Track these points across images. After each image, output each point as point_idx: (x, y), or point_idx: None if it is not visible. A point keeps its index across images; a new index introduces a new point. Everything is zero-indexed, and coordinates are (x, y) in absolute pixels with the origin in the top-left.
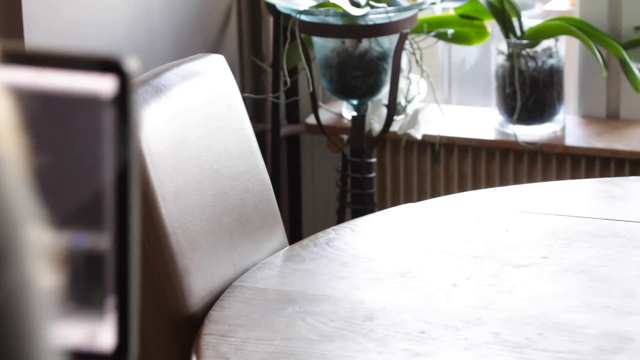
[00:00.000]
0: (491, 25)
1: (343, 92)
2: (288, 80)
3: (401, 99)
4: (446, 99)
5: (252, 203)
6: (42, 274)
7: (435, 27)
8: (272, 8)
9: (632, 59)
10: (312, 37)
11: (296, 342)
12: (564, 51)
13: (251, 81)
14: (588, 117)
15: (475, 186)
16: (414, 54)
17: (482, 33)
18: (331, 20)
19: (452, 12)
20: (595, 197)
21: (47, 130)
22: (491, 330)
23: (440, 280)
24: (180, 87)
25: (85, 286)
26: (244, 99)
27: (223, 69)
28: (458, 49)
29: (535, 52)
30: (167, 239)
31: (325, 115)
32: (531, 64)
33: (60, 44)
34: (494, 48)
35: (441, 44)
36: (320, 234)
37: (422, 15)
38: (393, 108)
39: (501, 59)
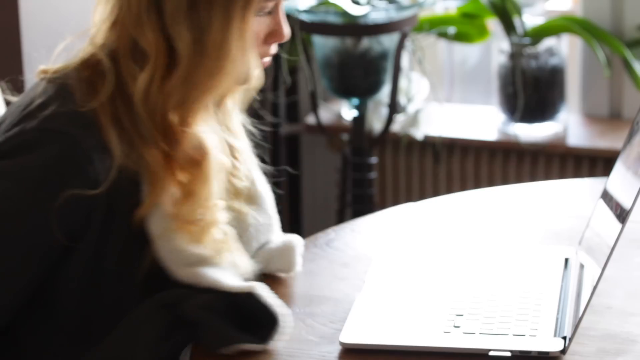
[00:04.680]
0: (493, 23)
1: (343, 91)
2: (288, 79)
3: (402, 98)
4: (448, 98)
5: None
6: None
7: (437, 26)
8: None
9: (634, 58)
10: (312, 36)
11: (296, 343)
12: (566, 50)
13: None
14: (590, 116)
15: (477, 186)
16: (415, 52)
17: (483, 31)
18: (332, 19)
19: (453, 11)
20: (598, 197)
21: None
22: None
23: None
24: None
25: None
26: None
27: None
28: (459, 48)
29: (537, 51)
30: None
31: (325, 115)
32: (533, 63)
33: (58, 42)
34: (496, 47)
35: (442, 42)
36: (320, 234)
37: (423, 14)
38: (394, 107)
39: (503, 58)
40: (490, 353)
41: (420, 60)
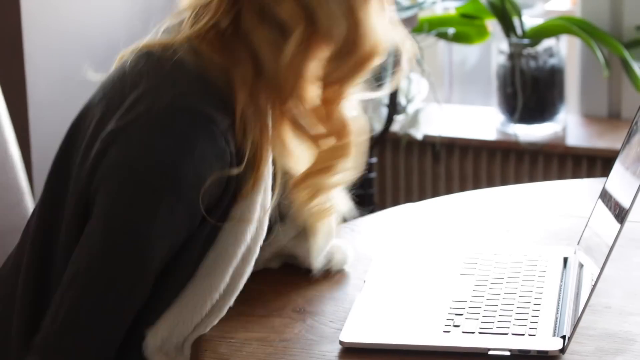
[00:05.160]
0: (492, 24)
1: None
2: None
3: (402, 99)
4: (447, 98)
5: None
6: None
7: (436, 27)
8: None
9: (633, 58)
10: None
11: (296, 343)
12: (565, 51)
13: None
14: (589, 116)
15: (476, 187)
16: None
17: (482, 32)
18: None
19: (452, 12)
20: (597, 197)
21: None
22: None
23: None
24: None
25: None
26: None
27: None
28: (459, 48)
29: (537, 51)
30: None
31: None
32: (532, 63)
33: (58, 43)
34: (495, 47)
35: (442, 43)
36: None
37: (423, 15)
38: (393, 108)
39: (502, 59)
40: (490, 352)
41: (419, 61)
